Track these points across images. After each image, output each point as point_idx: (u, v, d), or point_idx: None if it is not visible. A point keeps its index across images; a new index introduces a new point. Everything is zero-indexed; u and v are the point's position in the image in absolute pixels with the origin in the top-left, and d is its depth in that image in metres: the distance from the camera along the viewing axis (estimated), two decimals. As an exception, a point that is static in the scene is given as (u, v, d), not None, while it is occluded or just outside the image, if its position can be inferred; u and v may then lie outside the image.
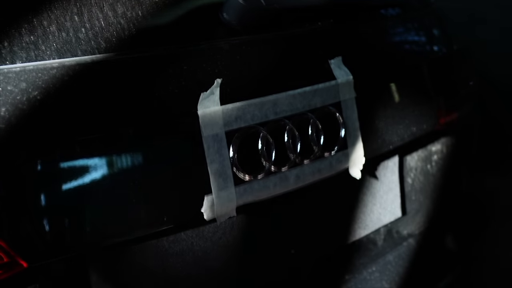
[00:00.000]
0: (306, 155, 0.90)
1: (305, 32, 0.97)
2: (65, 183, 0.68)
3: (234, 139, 0.80)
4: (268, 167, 0.84)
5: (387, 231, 1.22)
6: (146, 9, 0.82)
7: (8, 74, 0.67)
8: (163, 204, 0.76)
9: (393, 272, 1.16)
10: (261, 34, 0.91)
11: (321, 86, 0.91)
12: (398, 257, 1.19)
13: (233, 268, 0.93)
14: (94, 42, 0.74)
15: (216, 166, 0.79)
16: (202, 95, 0.78)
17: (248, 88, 0.84)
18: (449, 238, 1.29)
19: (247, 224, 0.93)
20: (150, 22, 0.81)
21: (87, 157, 0.70)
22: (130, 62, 0.76)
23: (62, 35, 0.73)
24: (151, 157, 0.74)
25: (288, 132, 0.86)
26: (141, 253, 0.82)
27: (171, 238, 0.85)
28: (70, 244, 0.69)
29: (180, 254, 0.86)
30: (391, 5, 1.18)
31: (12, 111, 0.65)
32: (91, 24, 0.76)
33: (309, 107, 0.89)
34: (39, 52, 0.70)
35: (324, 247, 1.09)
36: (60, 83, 0.69)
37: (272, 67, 0.88)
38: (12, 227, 0.65)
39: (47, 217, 0.67)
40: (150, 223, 0.75)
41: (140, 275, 0.82)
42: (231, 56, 0.85)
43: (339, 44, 1.01)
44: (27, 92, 0.67)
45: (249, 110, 0.82)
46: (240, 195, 0.82)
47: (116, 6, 0.79)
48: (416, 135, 1.12)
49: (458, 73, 1.24)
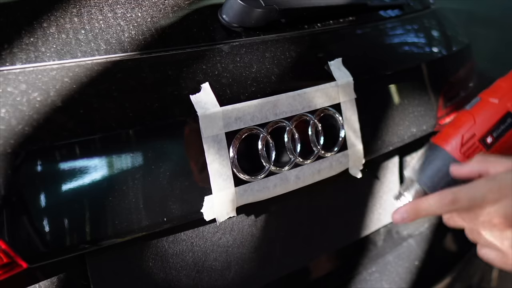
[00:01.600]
0: (306, 156, 0.90)
1: (304, 33, 0.97)
2: (65, 183, 0.68)
3: (234, 140, 0.81)
4: (268, 168, 0.84)
5: (387, 231, 1.22)
6: (146, 11, 0.82)
7: (8, 76, 0.67)
8: (163, 204, 0.76)
9: (393, 272, 1.16)
10: (260, 36, 0.91)
11: (321, 87, 0.91)
12: (398, 257, 1.19)
13: (233, 268, 0.93)
14: (94, 43, 0.75)
15: (216, 167, 0.79)
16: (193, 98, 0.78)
17: (248, 90, 0.84)
18: (449, 238, 1.29)
19: (247, 224, 0.93)
20: (149, 24, 0.81)
21: (87, 157, 0.70)
22: (130, 63, 0.76)
23: (61, 37, 0.73)
24: (151, 158, 0.74)
25: (288, 133, 0.87)
26: (141, 253, 0.82)
27: (171, 238, 0.85)
28: (70, 244, 0.69)
29: (180, 254, 0.86)
30: (391, 6, 1.18)
31: (12, 112, 0.65)
32: (91, 25, 0.76)
33: (309, 108, 0.89)
34: (38, 54, 0.70)
35: (324, 248, 1.09)
36: (60, 84, 0.69)
37: (272, 69, 0.88)
38: (12, 228, 0.65)
39: (47, 217, 0.67)
40: (150, 223, 0.75)
41: (140, 275, 0.82)
42: (231, 57, 0.85)
43: (339, 45, 1.01)
44: (27, 93, 0.67)
45: (249, 111, 0.82)
46: (240, 196, 0.82)
47: (116, 7, 0.79)
48: (416, 136, 1.12)
49: (457, 74, 1.24)
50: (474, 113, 0.89)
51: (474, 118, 0.88)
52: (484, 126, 0.87)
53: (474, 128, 0.88)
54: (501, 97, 0.88)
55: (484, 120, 0.87)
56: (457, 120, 0.91)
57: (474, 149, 0.88)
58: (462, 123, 0.89)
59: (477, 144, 0.87)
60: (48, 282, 0.74)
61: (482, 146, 0.87)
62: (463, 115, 0.91)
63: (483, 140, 0.87)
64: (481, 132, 0.87)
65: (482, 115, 0.88)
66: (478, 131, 0.87)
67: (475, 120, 0.88)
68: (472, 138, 0.87)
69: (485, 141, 0.87)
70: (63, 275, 0.76)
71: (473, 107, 0.90)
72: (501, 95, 0.88)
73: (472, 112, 0.89)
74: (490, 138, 0.87)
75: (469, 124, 0.88)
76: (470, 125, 0.88)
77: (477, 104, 0.90)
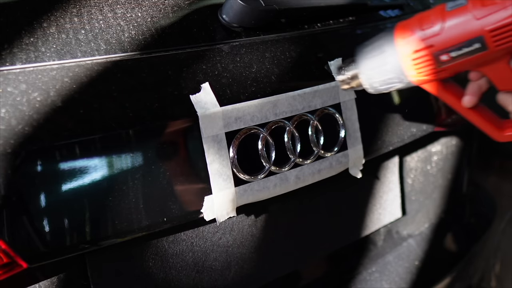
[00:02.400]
0: (306, 156, 0.90)
1: (304, 33, 0.97)
2: (65, 183, 0.68)
3: (234, 140, 0.81)
4: (268, 168, 0.84)
5: (387, 231, 1.23)
6: (146, 11, 0.82)
7: (8, 76, 0.67)
8: (163, 204, 0.76)
9: (393, 272, 1.16)
10: (260, 36, 0.91)
11: (321, 87, 0.91)
12: (398, 257, 1.19)
13: (233, 268, 0.93)
14: (94, 43, 0.75)
15: (216, 167, 0.79)
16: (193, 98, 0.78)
17: (248, 90, 0.84)
18: (449, 238, 1.29)
19: (247, 224, 0.94)
20: (149, 24, 0.81)
21: (87, 157, 0.70)
22: (130, 63, 0.76)
23: (61, 37, 0.73)
24: (151, 158, 0.74)
25: (288, 133, 0.87)
26: (141, 253, 0.82)
27: (171, 238, 0.85)
28: (70, 244, 0.69)
29: (180, 254, 0.86)
30: (391, 7, 1.18)
31: (12, 112, 0.65)
32: (91, 25, 0.76)
33: (309, 108, 0.90)
34: (38, 54, 0.70)
35: (324, 248, 1.09)
36: (60, 84, 0.69)
37: (272, 69, 0.88)
38: (12, 227, 0.65)
39: (47, 217, 0.67)
40: (150, 223, 0.75)
41: (140, 275, 0.82)
42: (231, 57, 0.85)
43: (339, 45, 1.01)
44: (27, 93, 0.67)
45: (249, 111, 0.82)
46: (240, 196, 0.82)
47: (116, 7, 0.79)
48: (416, 136, 1.12)
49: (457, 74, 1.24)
50: (447, 19, 0.71)
51: (443, 25, 0.71)
52: (448, 40, 0.71)
53: (437, 37, 0.71)
54: (482, 16, 0.69)
55: (452, 34, 0.70)
56: (429, 16, 0.73)
57: (424, 62, 0.73)
58: (431, 23, 0.72)
59: (430, 57, 0.72)
60: (48, 282, 0.74)
61: (434, 61, 0.72)
62: (437, 14, 0.72)
63: (437, 56, 0.72)
64: (441, 47, 0.71)
65: (454, 27, 0.70)
66: (439, 44, 0.71)
67: (443, 27, 0.71)
68: (429, 48, 0.72)
69: (439, 58, 0.72)
70: (63, 275, 0.76)
71: (453, 11, 0.71)
72: (484, 14, 0.69)
73: (446, 15, 0.72)
74: (446, 56, 0.71)
75: (435, 29, 0.71)
76: (435, 31, 0.71)
77: (458, 9, 0.71)
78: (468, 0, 0.71)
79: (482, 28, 0.68)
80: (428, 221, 1.29)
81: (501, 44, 0.68)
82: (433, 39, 0.71)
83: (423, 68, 0.73)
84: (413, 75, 0.73)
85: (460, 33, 0.70)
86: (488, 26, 0.68)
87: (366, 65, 0.75)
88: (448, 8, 0.72)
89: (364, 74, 0.75)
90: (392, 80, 0.73)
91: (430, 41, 0.71)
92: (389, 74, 0.73)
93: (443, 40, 0.70)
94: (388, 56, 0.74)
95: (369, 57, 0.75)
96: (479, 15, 0.68)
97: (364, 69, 0.75)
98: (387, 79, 0.75)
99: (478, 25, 0.68)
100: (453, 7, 0.71)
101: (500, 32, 0.68)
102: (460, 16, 0.70)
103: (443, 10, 0.72)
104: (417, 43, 0.72)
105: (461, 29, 0.70)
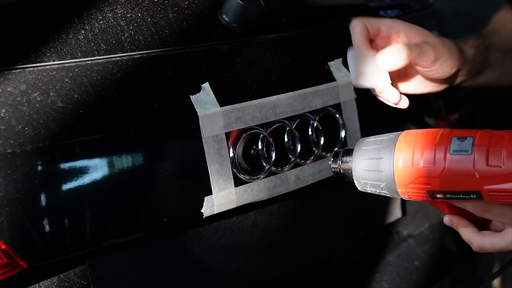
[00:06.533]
0: (306, 156, 0.90)
1: (304, 33, 0.97)
2: (65, 183, 0.68)
3: (234, 140, 0.81)
4: (268, 168, 0.84)
5: (387, 231, 1.23)
6: (146, 11, 0.82)
7: (8, 76, 0.67)
8: (163, 204, 0.76)
9: (393, 272, 1.16)
10: (260, 36, 0.91)
11: (321, 87, 0.91)
12: (398, 257, 1.19)
13: (233, 268, 0.93)
14: (94, 43, 0.75)
15: (216, 167, 0.79)
16: (193, 98, 0.78)
17: (248, 90, 0.84)
18: (449, 238, 1.29)
19: (247, 224, 0.93)
20: (149, 24, 0.81)
21: (87, 158, 0.70)
22: (130, 63, 0.76)
23: (61, 37, 0.73)
24: (151, 158, 0.75)
25: (288, 133, 0.87)
26: (141, 253, 0.82)
27: (171, 239, 0.85)
28: (70, 244, 0.69)
29: (180, 254, 0.86)
30: (391, 7, 1.18)
31: (12, 112, 0.65)
32: (91, 25, 0.76)
33: (309, 108, 0.90)
34: (38, 54, 0.70)
35: (324, 247, 1.09)
36: (60, 84, 0.69)
37: (271, 69, 0.88)
38: (12, 228, 0.65)
39: (47, 217, 0.67)
40: (150, 223, 0.75)
41: (140, 275, 0.82)
42: (231, 57, 0.85)
43: (339, 45, 1.00)
44: (27, 93, 0.67)
45: (249, 112, 0.82)
46: (240, 196, 0.82)
47: (116, 7, 0.79)
48: (416, 136, 1.12)
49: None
50: (448, 164, 0.65)
51: (444, 170, 0.65)
52: (445, 185, 0.65)
53: (435, 179, 0.65)
54: (484, 176, 0.63)
55: (450, 181, 0.65)
56: (432, 147, 0.66)
57: (418, 191, 0.68)
58: (431, 161, 0.65)
59: (425, 191, 0.67)
60: (48, 282, 0.74)
61: (427, 195, 0.68)
62: (441, 150, 0.65)
63: (432, 193, 0.67)
64: (437, 188, 0.66)
65: (453, 176, 0.65)
66: (436, 185, 0.66)
67: (443, 172, 0.65)
68: (425, 184, 0.66)
69: (434, 194, 0.67)
70: (63, 275, 0.76)
71: (456, 157, 0.64)
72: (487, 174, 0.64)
73: (448, 159, 0.65)
74: (441, 195, 0.67)
75: (435, 171, 0.65)
76: (434, 173, 0.65)
77: (461, 157, 0.64)
78: (473, 151, 0.63)
79: (482, 186, 0.64)
80: (428, 221, 1.28)
81: (498, 199, 0.65)
82: (431, 179, 0.66)
83: (415, 195, 0.69)
84: (404, 192, 0.69)
85: (459, 183, 0.64)
86: (489, 186, 0.63)
87: (361, 165, 0.72)
88: (451, 151, 0.65)
89: (357, 172, 0.72)
90: (382, 188, 0.71)
91: (427, 180, 0.66)
92: (380, 182, 0.70)
93: (440, 183, 0.65)
94: (385, 165, 0.70)
95: (366, 158, 0.72)
96: (482, 174, 0.63)
97: (358, 167, 0.72)
98: (376, 184, 0.71)
99: (478, 182, 0.64)
100: (457, 151, 0.64)
101: (500, 193, 0.64)
102: (462, 167, 0.64)
103: (447, 147, 0.65)
104: (414, 177, 0.67)
105: (461, 181, 0.65)
